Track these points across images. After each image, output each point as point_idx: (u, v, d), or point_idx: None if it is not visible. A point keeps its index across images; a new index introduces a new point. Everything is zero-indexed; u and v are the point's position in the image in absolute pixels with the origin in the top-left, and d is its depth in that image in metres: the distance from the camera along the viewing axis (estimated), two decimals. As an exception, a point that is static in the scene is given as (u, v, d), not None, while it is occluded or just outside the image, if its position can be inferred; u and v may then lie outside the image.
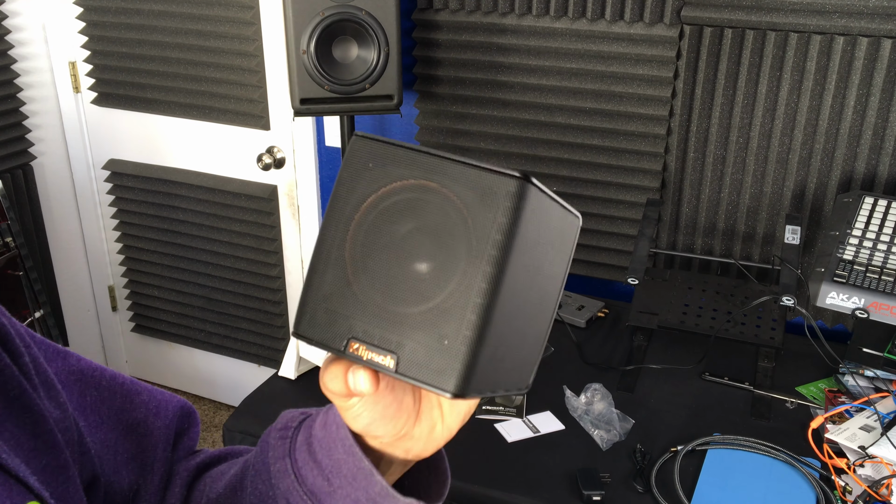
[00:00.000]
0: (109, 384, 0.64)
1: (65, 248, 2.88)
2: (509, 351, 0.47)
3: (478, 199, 0.44)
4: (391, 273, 0.45)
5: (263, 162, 2.44)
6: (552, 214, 0.49)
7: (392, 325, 0.45)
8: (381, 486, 0.54)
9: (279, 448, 0.58)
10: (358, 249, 0.46)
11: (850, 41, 1.71)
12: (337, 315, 0.46)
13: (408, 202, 0.45)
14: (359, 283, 0.46)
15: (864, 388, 1.61)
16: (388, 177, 0.46)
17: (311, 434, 0.57)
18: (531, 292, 0.48)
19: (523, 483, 1.42)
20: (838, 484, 1.37)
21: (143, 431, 0.65)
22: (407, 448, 0.56)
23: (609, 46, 1.92)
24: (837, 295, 1.54)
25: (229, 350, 2.84)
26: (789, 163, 1.86)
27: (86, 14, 2.53)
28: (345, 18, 1.84)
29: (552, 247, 0.50)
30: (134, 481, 0.64)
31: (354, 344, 0.46)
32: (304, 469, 0.56)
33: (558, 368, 1.76)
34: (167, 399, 0.68)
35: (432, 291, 0.44)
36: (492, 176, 0.44)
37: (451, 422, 0.56)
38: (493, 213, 0.43)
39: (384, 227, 0.46)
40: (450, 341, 0.43)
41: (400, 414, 0.53)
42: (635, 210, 2.04)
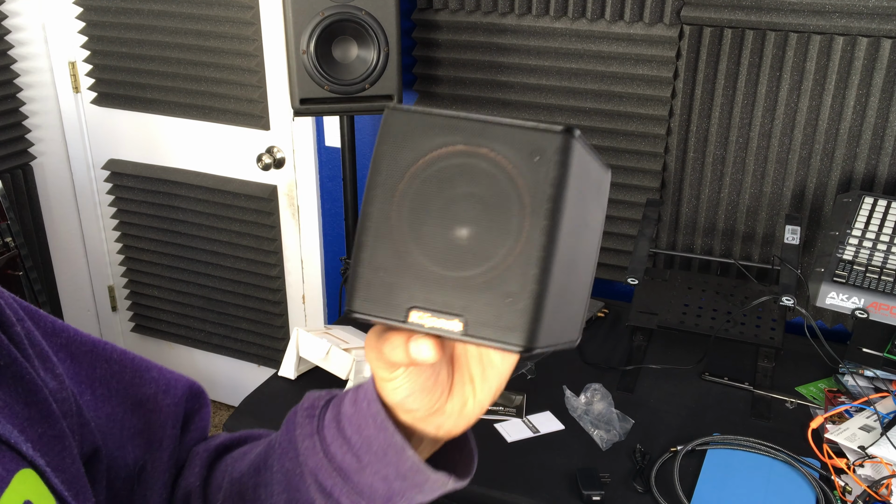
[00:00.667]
0: (120, 358, 0.64)
1: (65, 248, 2.88)
2: (564, 304, 0.48)
3: (525, 157, 0.44)
4: (444, 239, 0.45)
5: (263, 162, 2.44)
6: (592, 166, 0.49)
7: (453, 290, 0.45)
8: (412, 462, 0.54)
9: (307, 426, 0.58)
10: (407, 219, 0.46)
11: (850, 41, 1.71)
12: (393, 287, 0.46)
13: (454, 168, 0.46)
14: (412, 253, 0.46)
15: (864, 388, 1.61)
16: (431, 145, 0.46)
17: (339, 412, 0.57)
18: (579, 244, 0.49)
19: (523, 483, 1.42)
20: (838, 484, 1.37)
21: (152, 408, 0.65)
22: (438, 424, 0.56)
23: (609, 46, 1.92)
24: (837, 295, 1.54)
25: (229, 350, 2.84)
26: (789, 163, 1.86)
27: (85, 14, 2.53)
28: (345, 18, 1.84)
29: (593, 199, 0.51)
30: (140, 457, 0.63)
31: (415, 312, 0.46)
32: (334, 446, 0.56)
33: (558, 368, 1.76)
34: (176, 378, 0.68)
35: (489, 252, 0.44)
36: (537, 133, 0.44)
37: (482, 397, 0.55)
38: (545, 169, 0.44)
39: (432, 194, 0.46)
40: (516, 297, 0.44)
41: (436, 387, 0.53)
42: (635, 210, 2.04)
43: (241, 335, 2.78)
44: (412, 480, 0.55)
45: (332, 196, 2.50)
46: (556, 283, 0.45)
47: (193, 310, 2.82)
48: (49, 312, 2.18)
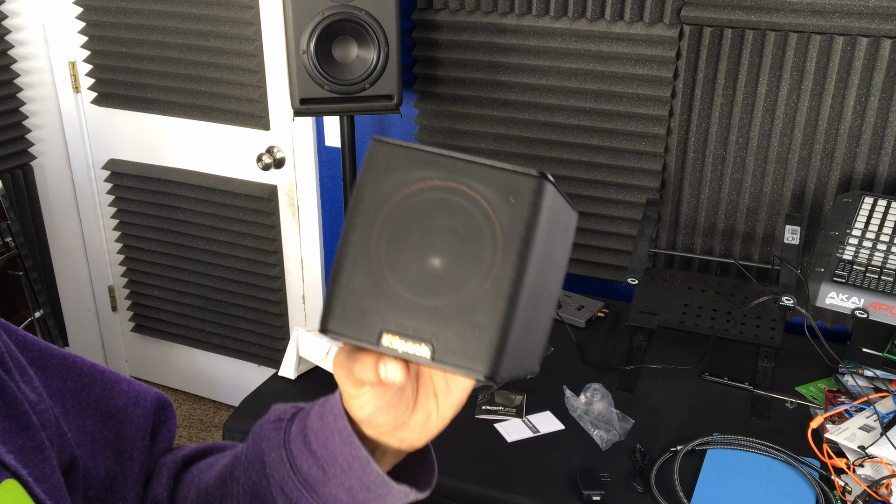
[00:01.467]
0: (90, 371, 0.65)
1: (65, 248, 2.88)
2: (527, 335, 0.50)
3: (501, 196, 0.47)
4: (419, 268, 0.48)
5: (263, 162, 2.44)
6: (561, 209, 0.53)
7: (424, 317, 0.47)
8: (376, 475, 0.56)
9: (273, 438, 0.60)
10: (385, 247, 0.49)
11: (850, 41, 1.72)
12: (368, 310, 0.49)
13: (432, 201, 0.48)
14: (387, 280, 0.48)
15: (864, 388, 1.61)
16: (413, 178, 0.49)
17: (306, 425, 0.59)
18: (545, 280, 0.51)
19: (523, 483, 1.42)
20: (838, 484, 1.37)
21: (122, 419, 0.66)
22: (402, 437, 0.58)
23: (609, 46, 1.92)
24: (837, 295, 1.54)
25: (229, 350, 2.84)
26: (789, 163, 1.86)
27: (85, 14, 2.53)
28: (345, 18, 1.85)
29: (560, 238, 0.54)
30: (110, 468, 0.64)
31: (387, 336, 0.48)
32: (300, 458, 0.58)
33: (558, 368, 1.76)
34: (145, 390, 0.69)
35: (461, 283, 0.47)
36: (514, 176, 0.47)
37: (445, 412, 0.58)
38: (519, 210, 0.47)
39: (410, 224, 0.48)
40: (483, 328, 0.46)
41: (401, 403, 0.56)
42: (635, 210, 2.04)
43: (241, 335, 2.78)
44: (375, 492, 0.57)
45: (332, 196, 2.50)
46: (521, 317, 0.47)
47: (193, 310, 2.82)
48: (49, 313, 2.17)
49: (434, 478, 0.63)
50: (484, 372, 0.46)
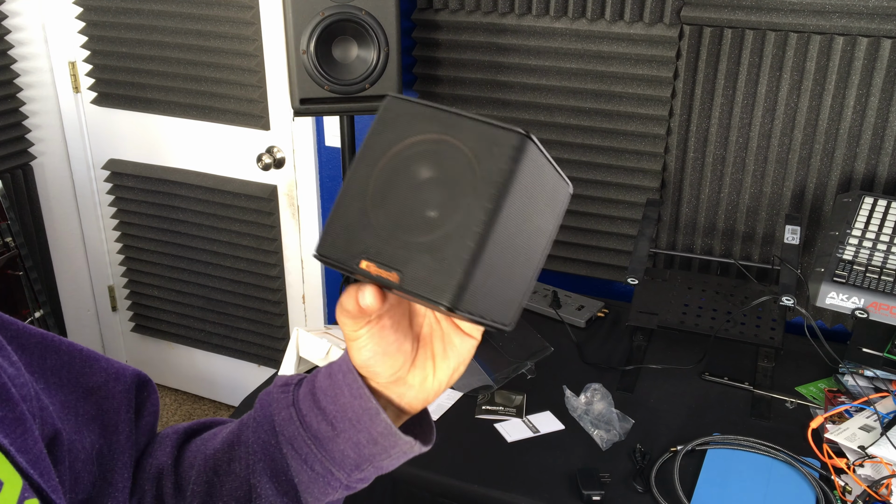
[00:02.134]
0: (69, 349, 0.66)
1: (65, 248, 2.88)
2: (497, 284, 0.54)
3: (485, 149, 0.51)
4: (405, 208, 0.52)
5: (263, 162, 2.44)
6: (546, 173, 0.56)
7: (400, 249, 0.52)
8: (385, 425, 0.59)
9: (282, 400, 0.63)
10: (379, 187, 0.54)
11: (850, 41, 1.71)
12: (354, 239, 0.53)
13: (426, 152, 0.53)
14: (376, 215, 0.53)
15: (864, 388, 1.61)
16: (413, 130, 0.54)
17: (314, 386, 0.63)
18: (521, 236, 0.55)
19: (523, 483, 1.42)
20: (838, 484, 1.37)
21: (104, 395, 0.68)
22: (400, 393, 0.61)
23: (609, 46, 1.92)
24: (837, 295, 1.54)
25: (229, 350, 2.84)
26: (789, 163, 1.86)
27: (85, 14, 2.53)
28: (345, 18, 1.84)
29: (543, 202, 0.57)
30: (95, 441, 0.65)
31: (366, 262, 0.52)
32: (309, 416, 0.61)
33: (558, 368, 1.76)
34: (124, 367, 0.71)
35: (438, 224, 0.51)
36: (498, 130, 0.52)
37: (441, 375, 0.61)
38: (497, 160, 0.51)
39: (404, 171, 0.53)
40: (448, 262, 0.50)
41: (399, 354, 0.59)
42: (635, 210, 2.04)
43: (241, 335, 2.78)
44: (382, 444, 0.61)
45: (332, 196, 2.50)
46: (488, 260, 0.51)
47: (193, 310, 2.82)
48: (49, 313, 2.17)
49: (433, 435, 0.66)
50: (445, 302, 0.49)
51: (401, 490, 1.48)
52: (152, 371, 3.08)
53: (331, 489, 0.63)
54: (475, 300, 0.52)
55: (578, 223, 2.12)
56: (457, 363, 0.61)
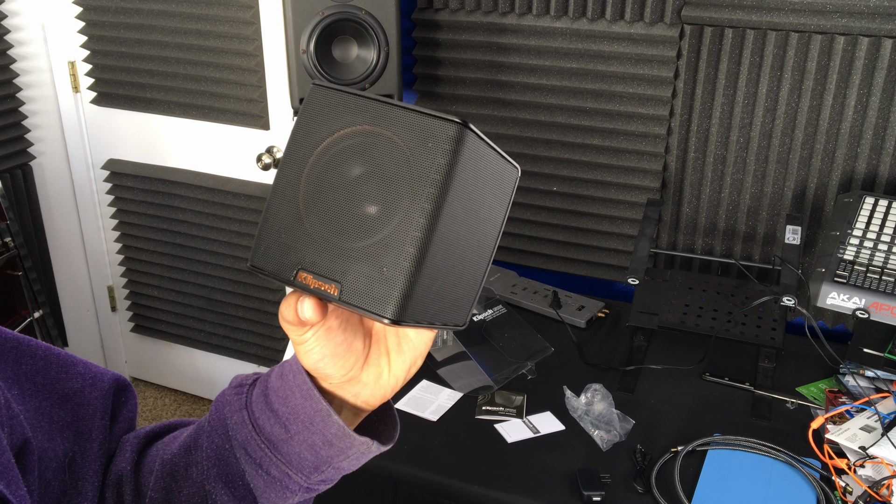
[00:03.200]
0: (45, 354, 0.65)
1: (64, 248, 2.87)
2: (446, 286, 0.51)
3: (420, 142, 0.48)
4: (339, 211, 0.49)
5: (263, 162, 2.44)
6: (489, 161, 0.52)
7: (337, 258, 0.49)
8: (337, 427, 0.57)
9: (235, 402, 0.61)
10: (311, 189, 0.50)
11: (851, 41, 1.71)
12: (288, 248, 0.50)
13: (357, 146, 0.49)
14: (309, 219, 0.50)
15: (865, 388, 1.61)
16: (341, 123, 0.50)
17: (266, 387, 0.60)
18: (468, 232, 0.52)
19: (523, 483, 1.42)
20: (839, 484, 1.37)
21: (80, 401, 0.66)
22: (355, 392, 0.59)
23: (609, 46, 1.92)
24: (838, 295, 1.54)
25: (229, 350, 2.83)
26: (790, 163, 1.86)
27: (85, 14, 2.53)
28: (345, 18, 1.84)
29: (489, 192, 0.53)
30: (69, 448, 0.65)
31: (303, 274, 0.50)
32: (262, 419, 0.59)
33: (558, 369, 1.76)
34: (102, 372, 0.70)
35: (376, 228, 0.48)
36: (433, 121, 0.48)
37: (397, 370, 0.59)
38: (433, 155, 0.47)
39: (335, 169, 0.50)
40: (388, 271, 0.47)
41: (349, 354, 0.57)
42: (636, 210, 2.04)
43: (241, 335, 2.78)
44: (338, 446, 0.58)
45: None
46: (432, 264, 0.48)
47: (193, 310, 2.82)
48: (48, 313, 2.17)
49: (396, 432, 0.64)
50: (388, 316, 0.47)
51: (401, 491, 1.48)
52: (152, 371, 3.08)
53: (289, 493, 0.61)
54: (421, 308, 0.49)
55: (579, 223, 2.12)
56: (413, 357, 0.59)
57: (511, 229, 2.20)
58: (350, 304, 0.48)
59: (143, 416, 2.96)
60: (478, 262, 0.55)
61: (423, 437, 1.54)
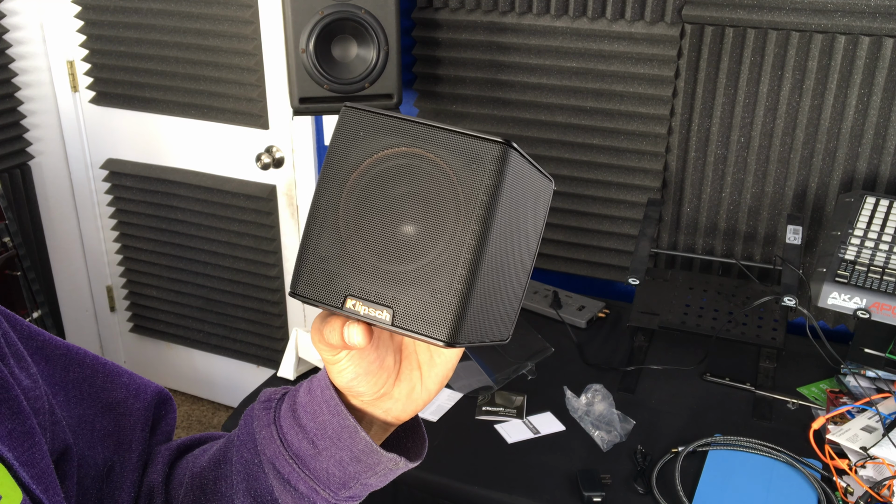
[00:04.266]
0: (93, 363, 0.66)
1: (63, 248, 2.87)
2: (493, 303, 0.51)
3: (464, 163, 0.48)
4: (384, 234, 0.49)
5: (262, 161, 2.43)
6: (530, 177, 0.53)
7: (387, 282, 0.48)
8: (365, 443, 0.57)
9: (264, 417, 0.61)
10: (352, 213, 0.50)
11: (852, 40, 1.71)
12: (333, 275, 0.50)
13: (398, 168, 0.49)
14: (353, 245, 0.49)
15: (866, 388, 1.60)
16: (379, 144, 0.49)
17: (295, 402, 0.60)
18: (512, 249, 0.52)
19: (524, 484, 1.41)
20: (840, 485, 1.36)
21: (123, 411, 0.67)
22: (387, 408, 0.59)
23: (610, 45, 1.91)
24: (839, 295, 1.53)
25: (228, 350, 2.83)
26: (791, 162, 1.85)
27: (84, 13, 2.52)
28: (344, 17, 1.84)
29: (530, 207, 0.54)
30: (108, 457, 0.65)
31: (351, 300, 0.49)
32: (290, 434, 0.59)
33: (559, 369, 1.75)
34: (146, 383, 0.70)
35: (423, 250, 0.48)
36: (477, 142, 0.48)
37: (429, 384, 0.58)
38: (480, 177, 0.47)
39: (376, 191, 0.49)
40: (441, 294, 0.47)
41: (381, 372, 0.56)
42: (636, 210, 2.03)
43: (241, 335, 2.77)
44: (366, 462, 0.58)
45: (332, 196, 2.49)
46: (483, 284, 0.48)
47: (192, 310, 2.81)
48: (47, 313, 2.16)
49: (424, 449, 0.63)
50: (443, 339, 0.47)
51: (401, 491, 1.47)
52: (151, 371, 3.07)
53: None
54: (473, 328, 0.49)
55: (579, 223, 2.11)
56: (445, 369, 0.59)
57: (511, 229, 2.19)
58: (403, 329, 0.48)
59: (142, 416, 2.95)
60: (519, 277, 0.56)
61: (423, 438, 1.53)
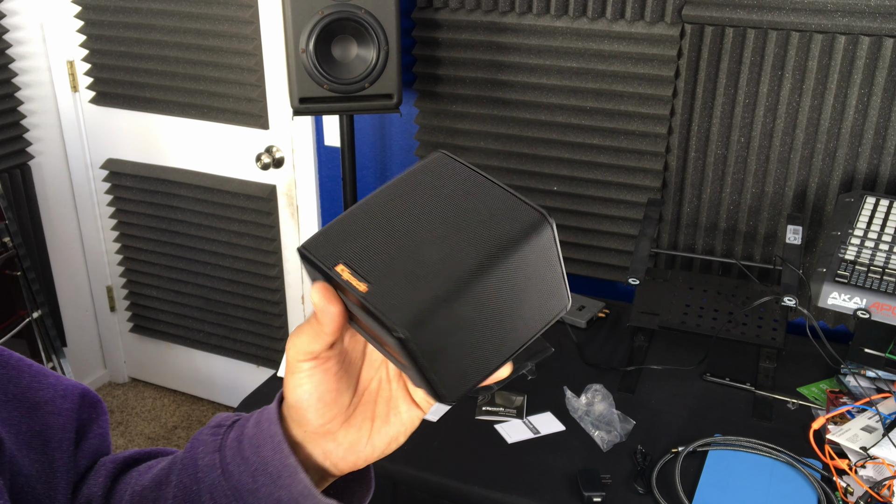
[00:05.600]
0: (17, 364, 0.65)
1: (63, 248, 2.87)
2: (458, 346, 0.52)
3: (504, 214, 0.52)
4: (406, 234, 0.52)
5: (262, 161, 2.43)
6: (552, 269, 0.55)
7: (381, 266, 0.51)
8: (304, 486, 0.56)
9: (210, 443, 0.60)
10: (395, 213, 0.53)
11: (852, 40, 1.71)
12: (341, 245, 0.52)
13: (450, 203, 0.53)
14: (374, 232, 0.52)
15: (866, 388, 1.60)
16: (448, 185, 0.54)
17: (242, 432, 0.59)
18: (501, 312, 0.53)
19: (524, 484, 1.41)
20: (840, 485, 1.36)
21: (50, 411, 0.66)
22: (327, 450, 0.58)
23: (610, 45, 1.91)
24: (839, 295, 1.53)
25: (228, 350, 2.83)
26: (791, 162, 1.85)
27: (84, 13, 2.52)
28: (344, 17, 1.84)
29: (537, 296, 0.55)
30: (37, 459, 0.64)
31: (342, 266, 0.51)
32: (232, 465, 0.58)
33: (559, 369, 1.75)
34: (73, 384, 0.69)
35: (429, 258, 0.51)
36: (524, 205, 0.52)
37: (377, 441, 0.58)
38: (509, 226, 0.51)
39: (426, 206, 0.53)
40: (420, 292, 0.49)
41: (334, 406, 0.56)
42: (636, 210, 2.03)
43: (241, 335, 2.77)
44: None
45: (332, 196, 2.49)
46: (459, 311, 0.50)
47: (192, 310, 2.81)
48: (47, 313, 2.16)
49: (369, 494, 0.63)
50: (397, 326, 0.48)
51: (401, 491, 1.47)
52: (151, 372, 3.07)
53: None
54: (429, 344, 0.49)
55: (579, 223, 2.11)
56: (397, 432, 0.58)
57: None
58: (370, 304, 0.49)
59: (141, 416, 2.95)
60: (494, 351, 0.55)
61: (423, 438, 1.53)
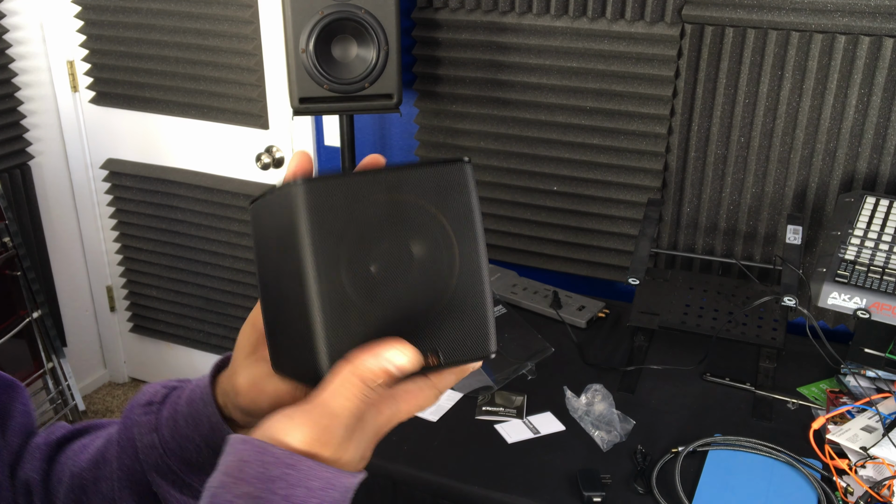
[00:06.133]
0: None
1: (63, 248, 2.87)
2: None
3: (442, 194, 0.49)
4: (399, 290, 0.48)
5: (262, 162, 2.43)
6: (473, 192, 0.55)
7: (421, 329, 0.48)
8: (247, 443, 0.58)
9: (145, 424, 0.61)
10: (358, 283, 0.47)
11: (852, 40, 1.71)
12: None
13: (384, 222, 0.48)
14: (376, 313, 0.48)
15: (866, 388, 1.60)
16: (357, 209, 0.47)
17: (176, 410, 0.60)
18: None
19: (523, 484, 1.41)
20: (840, 485, 1.36)
21: None
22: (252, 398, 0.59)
23: (610, 45, 1.91)
24: (839, 295, 1.53)
25: (228, 350, 2.82)
26: (791, 162, 1.85)
27: (84, 13, 2.52)
28: (344, 17, 1.84)
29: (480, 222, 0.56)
30: None
31: None
32: (172, 443, 0.59)
33: (559, 369, 1.75)
34: None
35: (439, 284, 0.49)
36: (444, 168, 0.49)
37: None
38: (460, 199, 0.49)
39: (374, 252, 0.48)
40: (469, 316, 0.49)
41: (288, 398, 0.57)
42: (636, 210, 2.03)
43: (240, 335, 2.77)
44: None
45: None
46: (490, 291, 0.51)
47: (192, 310, 2.81)
48: (47, 313, 2.16)
49: None
50: (491, 349, 0.49)
51: (401, 491, 1.47)
52: (151, 371, 3.07)
53: None
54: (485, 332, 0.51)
55: (579, 223, 2.11)
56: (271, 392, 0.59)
57: (511, 229, 2.19)
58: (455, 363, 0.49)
59: (142, 416, 2.95)
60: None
61: (423, 438, 1.53)
